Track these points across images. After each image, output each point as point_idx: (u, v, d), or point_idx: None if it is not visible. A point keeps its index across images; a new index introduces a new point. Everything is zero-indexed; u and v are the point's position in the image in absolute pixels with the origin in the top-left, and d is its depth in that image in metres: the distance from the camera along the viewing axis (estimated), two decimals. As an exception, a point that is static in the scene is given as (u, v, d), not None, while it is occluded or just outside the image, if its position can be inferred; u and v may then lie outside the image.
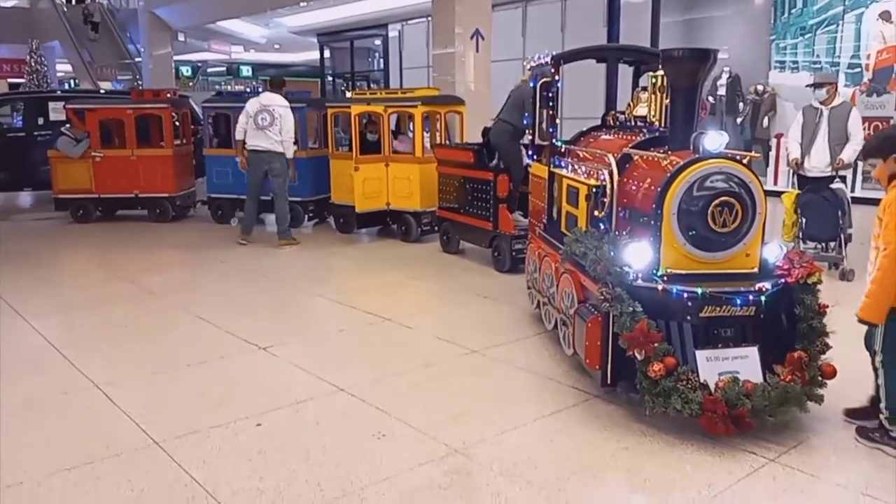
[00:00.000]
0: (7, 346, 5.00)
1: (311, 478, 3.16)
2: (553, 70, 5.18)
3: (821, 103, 6.73)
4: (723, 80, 12.76)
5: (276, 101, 8.08)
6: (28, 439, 3.57)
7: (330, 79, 23.01)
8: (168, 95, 10.60)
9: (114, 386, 4.23)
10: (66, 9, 22.81)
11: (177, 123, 10.33)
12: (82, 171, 9.95)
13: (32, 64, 21.95)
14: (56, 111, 11.85)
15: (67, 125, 10.41)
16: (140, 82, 20.85)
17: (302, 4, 18.36)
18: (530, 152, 5.73)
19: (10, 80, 24.84)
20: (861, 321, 3.27)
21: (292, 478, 3.16)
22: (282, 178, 8.19)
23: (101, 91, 17.41)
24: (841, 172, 6.81)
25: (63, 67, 25.95)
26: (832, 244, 6.68)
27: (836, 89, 6.85)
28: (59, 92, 15.98)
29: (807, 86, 7.25)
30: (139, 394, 4.14)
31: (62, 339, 5.12)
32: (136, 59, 22.16)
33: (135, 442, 3.51)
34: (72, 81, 26.31)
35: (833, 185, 6.65)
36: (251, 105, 8.09)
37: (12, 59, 24.11)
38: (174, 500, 3.01)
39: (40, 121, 12.16)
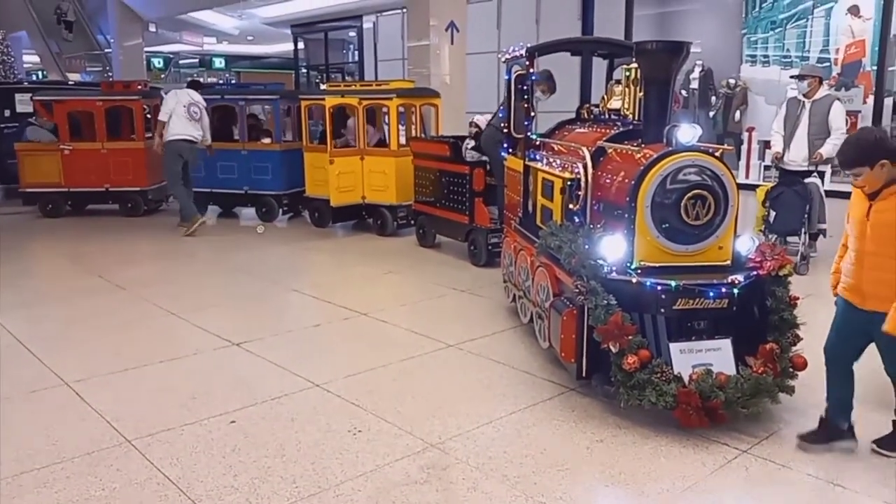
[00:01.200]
0: (-27, 343, 4.89)
1: (285, 475, 3.13)
2: (528, 63, 5.17)
3: (803, 96, 6.70)
4: (695, 74, 12.86)
5: (200, 99, 8.67)
6: (-5, 439, 3.50)
7: (304, 71, 22.79)
8: (139, 87, 10.42)
9: (84, 383, 4.16)
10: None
11: (148, 116, 10.17)
12: (51, 165, 9.75)
13: (-2, 55, 21.45)
14: (23, 103, 11.62)
15: (34, 117, 10.20)
16: (110, 74, 20.48)
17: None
18: (506, 145, 5.73)
19: (-26, 71, 24.25)
20: (888, 335, 3.01)
21: (267, 475, 3.13)
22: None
23: (70, 82, 17.09)
24: (820, 168, 6.73)
25: (30, 58, 25.42)
26: (794, 238, 6.70)
27: (820, 82, 6.76)
28: (26, 83, 15.64)
29: (790, 76, 7.25)
30: (110, 391, 4.07)
31: (31, 335, 5.01)
32: (106, 51, 21.76)
33: (106, 440, 3.46)
34: (39, 73, 25.76)
35: (807, 180, 6.66)
36: (181, 95, 8.52)
37: (-23, 50, 23.55)
38: (147, 499, 2.96)
39: (7, 112, 11.91)
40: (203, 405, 3.84)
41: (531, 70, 5.19)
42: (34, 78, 24.49)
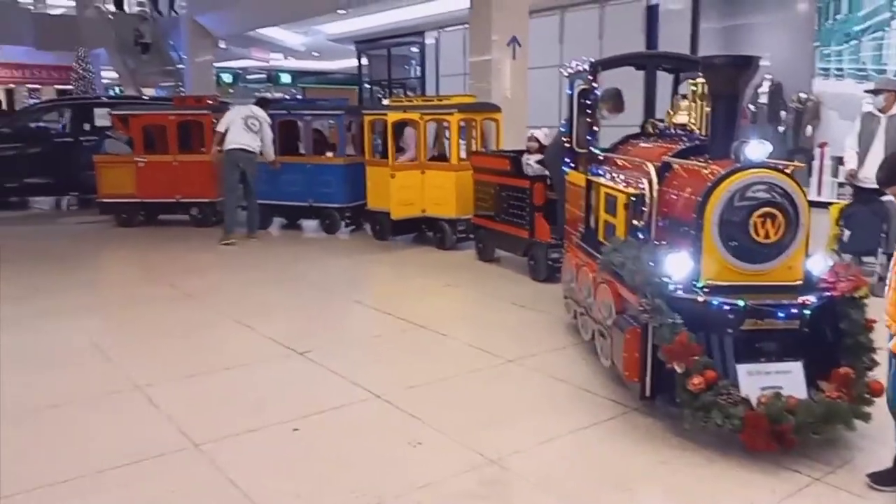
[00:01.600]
0: (52, 345, 5.13)
1: (346, 484, 3.17)
2: (591, 77, 5.15)
3: (879, 111, 6.46)
4: (764, 88, 12.53)
5: (262, 114, 8.95)
6: (71, 438, 3.66)
7: (367, 86, 23.20)
8: (209, 102, 10.79)
9: (154, 387, 4.30)
10: (111, 17, 23.34)
11: (218, 130, 10.49)
12: (126, 176, 10.15)
13: (79, 71, 22.55)
14: (101, 117, 12.15)
15: (111, 130, 10.67)
16: (182, 89, 21.25)
17: (340, 12, 18.56)
18: (567, 160, 5.70)
19: (57, 86, 25.53)
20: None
21: (328, 483, 3.18)
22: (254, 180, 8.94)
23: (145, 97, 17.80)
24: None
25: (108, 74, 26.58)
26: (870, 258, 6.43)
27: None
28: (103, 98, 16.36)
29: (865, 91, 7.01)
30: (179, 396, 4.20)
31: (105, 339, 5.23)
32: (178, 66, 22.60)
33: (175, 444, 3.57)
34: (116, 88, 26.92)
35: (883, 198, 6.41)
36: (242, 109, 8.91)
37: (60, 66, 24.82)
38: (212, 503, 3.04)
39: (86, 126, 12.47)
40: (267, 412, 3.93)
41: (594, 85, 5.16)
42: (111, 93, 25.62)
